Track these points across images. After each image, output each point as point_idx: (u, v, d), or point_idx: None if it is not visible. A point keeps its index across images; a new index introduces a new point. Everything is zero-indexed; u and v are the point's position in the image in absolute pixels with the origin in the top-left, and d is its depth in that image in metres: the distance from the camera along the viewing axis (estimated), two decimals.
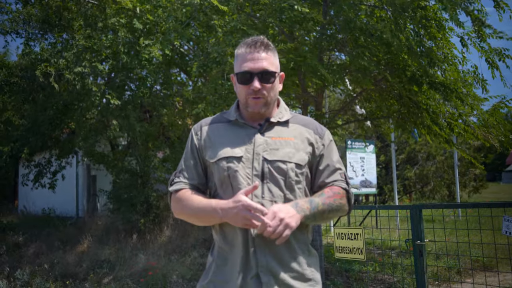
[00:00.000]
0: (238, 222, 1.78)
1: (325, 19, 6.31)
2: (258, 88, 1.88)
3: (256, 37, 1.98)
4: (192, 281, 6.47)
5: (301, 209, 1.81)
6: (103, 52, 8.11)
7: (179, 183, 2.00)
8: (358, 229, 4.35)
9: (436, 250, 6.69)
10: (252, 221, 1.73)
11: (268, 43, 1.95)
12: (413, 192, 20.82)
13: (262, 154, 1.90)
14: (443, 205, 5.52)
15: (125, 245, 8.86)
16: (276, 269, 1.84)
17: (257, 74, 1.89)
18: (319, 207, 1.86)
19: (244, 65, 1.91)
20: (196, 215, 1.94)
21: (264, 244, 1.84)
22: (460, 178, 18.80)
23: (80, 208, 15.61)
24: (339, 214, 1.97)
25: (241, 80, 1.93)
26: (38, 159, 11.25)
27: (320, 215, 1.87)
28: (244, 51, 1.93)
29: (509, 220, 3.41)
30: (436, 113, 6.64)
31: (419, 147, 20.15)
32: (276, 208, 1.76)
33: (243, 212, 1.74)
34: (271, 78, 1.92)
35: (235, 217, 1.77)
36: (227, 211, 1.79)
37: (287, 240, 1.84)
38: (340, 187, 1.96)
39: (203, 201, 1.91)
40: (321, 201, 1.87)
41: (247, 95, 1.92)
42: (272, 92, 1.94)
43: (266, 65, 1.91)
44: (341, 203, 1.94)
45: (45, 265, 7.24)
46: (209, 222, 1.93)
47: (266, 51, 1.93)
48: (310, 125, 2.03)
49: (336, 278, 6.54)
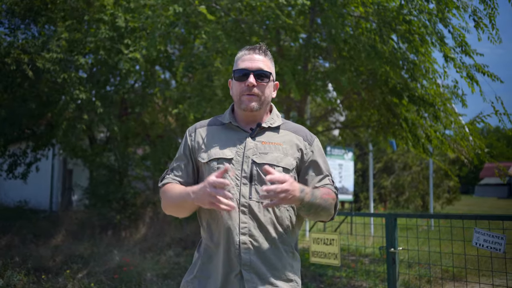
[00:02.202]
0: (205, 201, 1.79)
1: (311, 27, 6.39)
2: (252, 84, 1.98)
3: (257, 44, 2.11)
4: (167, 279, 6.46)
5: (305, 193, 1.84)
6: (86, 46, 8.05)
7: (168, 179, 2.09)
8: (334, 234, 4.41)
9: (409, 258, 6.83)
10: (217, 197, 1.74)
11: (266, 49, 2.08)
12: (388, 201, 21.11)
13: (251, 157, 1.98)
14: (418, 215, 5.64)
15: (99, 241, 8.78)
16: (259, 268, 1.90)
17: (253, 72, 2.00)
18: (317, 200, 1.90)
19: (242, 64, 2.03)
20: (175, 203, 1.99)
21: (248, 243, 1.91)
22: (435, 189, 19.14)
23: (54, 202, 15.39)
24: (326, 215, 2.02)
25: (237, 77, 2.03)
26: (13, 149, 11.06)
27: (315, 208, 1.92)
28: (244, 53, 2.06)
29: (479, 232, 3.52)
30: (415, 124, 6.78)
31: (396, 157, 20.46)
32: (289, 179, 1.76)
33: (208, 189, 1.76)
34: (265, 77, 2.02)
35: (202, 196, 1.79)
36: (197, 192, 1.83)
37: (272, 239, 1.93)
38: (331, 190, 2.04)
39: (181, 188, 1.98)
40: (319, 195, 1.93)
41: (241, 91, 2.01)
42: (265, 92, 2.03)
43: (262, 65, 2.02)
44: (332, 204, 2.01)
45: (18, 258, 7.13)
46: (186, 208, 1.96)
47: (264, 55, 2.06)
48: (300, 132, 2.11)
49: (310, 282, 6.61)
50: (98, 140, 11.88)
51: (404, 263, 6.76)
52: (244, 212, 1.92)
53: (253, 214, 1.93)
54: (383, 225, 4.32)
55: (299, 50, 6.58)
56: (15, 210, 13.57)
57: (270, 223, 1.94)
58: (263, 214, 1.93)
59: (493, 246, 3.46)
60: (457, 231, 5.72)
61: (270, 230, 1.94)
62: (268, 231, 1.94)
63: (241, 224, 1.91)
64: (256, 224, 1.92)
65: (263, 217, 1.93)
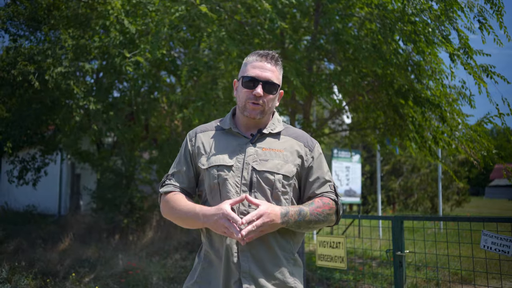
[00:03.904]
0: (218, 230, 1.85)
1: (316, 28, 6.37)
2: (260, 95, 1.96)
3: (269, 50, 2.07)
4: (173, 283, 6.46)
5: (289, 217, 1.88)
6: (92, 52, 8.07)
7: (169, 186, 2.07)
8: (340, 237, 4.38)
9: (416, 261, 6.76)
10: (230, 231, 1.80)
11: (278, 58, 2.05)
12: (397, 203, 20.97)
13: (251, 164, 1.96)
14: (424, 217, 5.59)
15: (107, 245, 8.80)
16: (258, 276, 1.89)
17: (262, 82, 1.98)
18: (306, 218, 1.92)
19: (251, 70, 2.00)
20: (181, 218, 2.00)
21: (247, 250, 1.89)
22: (444, 191, 18.99)
23: (63, 206, 15.47)
24: (325, 225, 2.02)
25: (245, 84, 2.00)
26: (23, 154, 11.13)
27: (306, 224, 1.93)
28: (255, 59, 2.03)
29: (487, 235, 3.47)
30: (422, 126, 6.73)
31: (404, 159, 20.32)
32: (264, 211, 1.83)
33: (222, 221, 1.82)
34: (273, 90, 2.01)
35: (215, 224, 1.85)
36: (208, 217, 1.87)
37: (271, 247, 1.92)
38: (330, 198, 2.02)
39: (189, 205, 1.97)
40: (309, 211, 1.93)
41: (247, 99, 2.00)
42: (270, 103, 2.02)
43: (272, 76, 2.00)
44: (329, 214, 1.99)
45: (25, 262, 7.16)
46: (193, 226, 2.00)
47: (275, 65, 2.03)
48: (301, 138, 2.09)
49: (317, 285, 6.57)
50: (106, 144, 11.93)
51: (412, 266, 6.70)
52: None
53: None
54: (390, 227, 4.28)
55: (303, 52, 6.55)
56: (24, 215, 13.66)
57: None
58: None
59: (501, 248, 3.41)
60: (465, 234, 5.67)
61: (269, 238, 1.92)
62: (268, 239, 1.92)
63: None
64: None
65: None
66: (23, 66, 7.73)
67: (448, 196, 20.40)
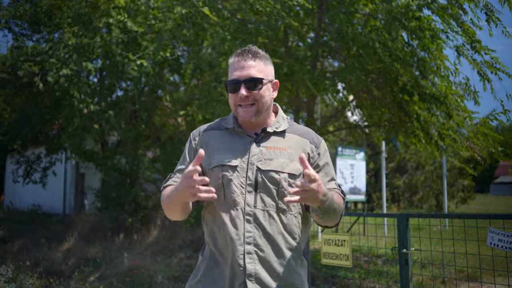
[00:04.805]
0: (186, 192, 1.73)
1: (319, 26, 6.34)
2: (244, 95, 1.90)
3: (246, 47, 2.00)
4: (178, 282, 6.45)
5: (327, 198, 1.76)
6: (95, 52, 8.06)
7: (170, 182, 2.03)
8: (345, 235, 4.36)
9: (422, 259, 6.73)
10: (196, 187, 1.68)
11: (256, 51, 1.97)
12: (402, 200, 20.90)
13: (256, 163, 1.92)
14: (430, 215, 5.56)
15: (111, 244, 8.80)
16: (264, 277, 1.85)
17: (243, 82, 1.91)
18: (334, 204, 1.83)
19: (233, 73, 1.94)
20: (167, 203, 1.92)
21: (253, 253, 1.85)
22: (449, 188, 18.90)
23: (67, 206, 15.51)
24: (334, 220, 1.93)
25: (230, 89, 1.95)
26: (28, 154, 11.16)
27: (331, 212, 1.85)
28: (234, 60, 1.97)
29: (494, 232, 3.44)
30: (427, 122, 6.68)
31: (409, 156, 20.26)
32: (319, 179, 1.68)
33: (186, 180, 1.70)
34: (258, 85, 1.93)
35: (184, 189, 1.73)
36: (177, 186, 1.79)
37: (278, 248, 1.87)
38: (340, 195, 1.98)
39: (172, 186, 1.92)
40: (335, 197, 1.86)
41: (235, 103, 1.95)
42: (262, 99, 1.95)
43: (253, 72, 1.92)
44: (341, 208, 1.93)
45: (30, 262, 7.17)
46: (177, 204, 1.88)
47: (254, 59, 1.95)
48: (306, 135, 2.04)
49: (322, 284, 6.55)
50: (110, 143, 11.93)
51: (417, 264, 6.67)
52: (249, 221, 1.86)
53: (258, 223, 1.87)
54: (395, 225, 4.25)
55: (307, 49, 6.52)
56: (29, 214, 13.71)
57: (277, 232, 1.89)
58: (269, 223, 1.88)
59: (508, 246, 3.38)
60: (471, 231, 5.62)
61: (276, 239, 1.88)
62: (275, 240, 1.88)
63: (246, 233, 1.85)
64: (261, 233, 1.87)
65: (269, 226, 1.88)
66: (28, 67, 7.74)
67: (453, 193, 20.31)
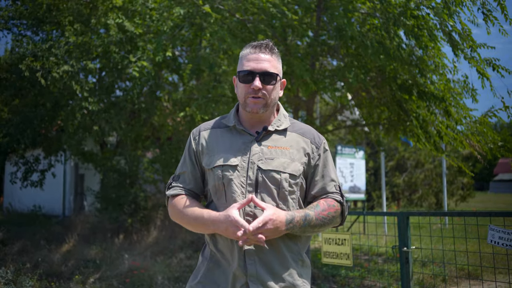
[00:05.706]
0: (229, 236, 1.82)
1: (318, 25, 6.33)
2: (258, 87, 1.89)
3: (262, 40, 2.00)
4: (179, 283, 6.44)
5: (294, 223, 1.84)
6: (93, 51, 8.05)
7: (176, 188, 2.02)
8: (346, 234, 4.36)
9: (422, 257, 6.72)
10: (238, 235, 1.76)
11: (273, 47, 1.97)
12: (401, 199, 20.91)
13: (257, 163, 1.90)
14: (430, 212, 5.55)
15: (111, 245, 8.79)
16: (266, 279, 1.84)
17: (258, 74, 1.90)
18: (311, 223, 1.87)
19: (247, 64, 1.93)
20: (190, 224, 1.95)
21: (254, 253, 1.85)
22: (448, 186, 18.90)
23: (67, 207, 15.48)
24: (330, 227, 1.98)
25: (242, 79, 1.94)
26: (26, 156, 11.12)
27: (311, 229, 1.89)
28: (249, 51, 1.96)
29: (494, 230, 3.44)
30: (426, 121, 6.68)
31: (408, 155, 20.27)
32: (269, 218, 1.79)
33: (232, 228, 1.77)
34: (272, 80, 1.93)
35: (225, 232, 1.81)
36: (217, 224, 1.83)
37: (278, 249, 1.87)
38: (335, 200, 1.97)
39: (196, 211, 1.92)
40: (315, 216, 1.88)
41: (246, 94, 1.93)
42: (272, 95, 1.95)
43: (269, 66, 1.92)
44: (334, 217, 1.95)
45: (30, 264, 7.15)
46: (202, 231, 1.96)
47: (270, 54, 1.95)
48: (308, 134, 2.03)
49: (323, 283, 6.54)
50: (109, 144, 11.91)
51: (418, 262, 6.66)
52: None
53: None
54: (395, 224, 4.25)
55: (306, 48, 6.51)
56: (28, 216, 13.68)
57: None
58: None
59: (509, 243, 3.37)
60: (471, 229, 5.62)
61: (277, 240, 1.87)
62: (275, 241, 1.87)
63: None
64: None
65: None
66: (30, 62, 7.72)
67: (453, 191, 20.33)
